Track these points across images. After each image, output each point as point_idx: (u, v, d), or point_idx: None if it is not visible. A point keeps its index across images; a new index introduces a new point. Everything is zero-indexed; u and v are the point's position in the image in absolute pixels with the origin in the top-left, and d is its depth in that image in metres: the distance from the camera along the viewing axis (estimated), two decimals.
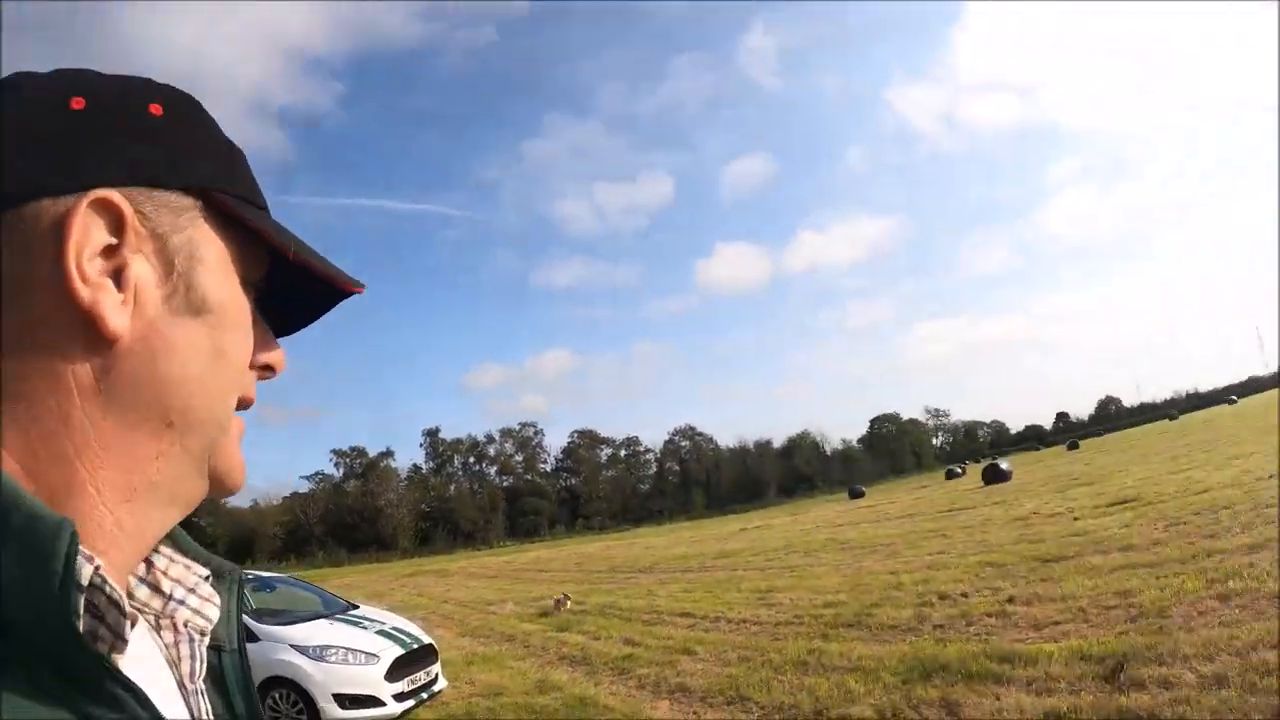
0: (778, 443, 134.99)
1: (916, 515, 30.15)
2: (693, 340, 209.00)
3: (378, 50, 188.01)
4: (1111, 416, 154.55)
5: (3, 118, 0.55)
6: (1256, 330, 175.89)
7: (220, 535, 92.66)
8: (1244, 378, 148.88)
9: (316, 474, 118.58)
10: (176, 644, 0.67)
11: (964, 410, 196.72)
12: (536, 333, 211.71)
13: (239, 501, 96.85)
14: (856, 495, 68.01)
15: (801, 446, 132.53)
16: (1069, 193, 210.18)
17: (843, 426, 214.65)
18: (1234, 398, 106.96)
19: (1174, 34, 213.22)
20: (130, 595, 0.63)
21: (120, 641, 0.53)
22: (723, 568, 22.63)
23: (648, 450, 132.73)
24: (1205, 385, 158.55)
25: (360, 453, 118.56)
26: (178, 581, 0.69)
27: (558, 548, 63.41)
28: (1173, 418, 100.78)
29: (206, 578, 0.72)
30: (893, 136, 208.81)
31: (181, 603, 0.68)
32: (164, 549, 0.70)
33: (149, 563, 0.68)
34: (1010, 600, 10.62)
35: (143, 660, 0.60)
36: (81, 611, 0.48)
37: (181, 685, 0.66)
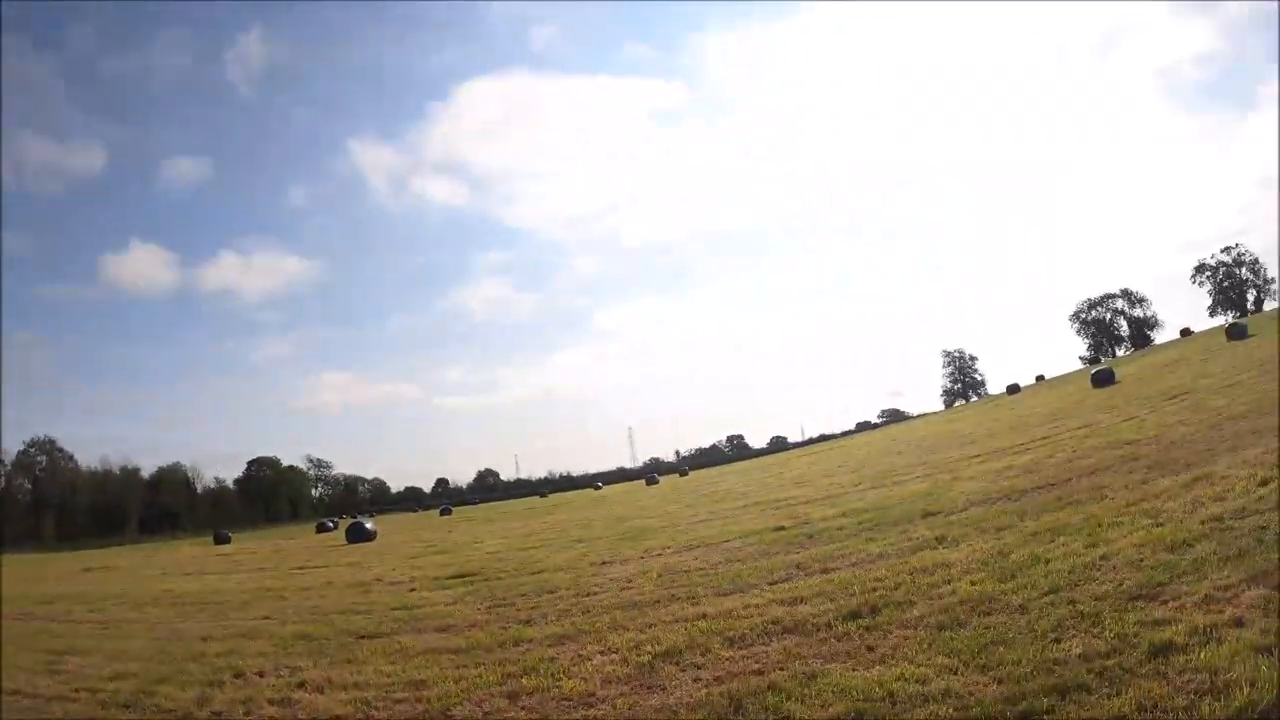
0: (148, 472, 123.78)
1: (267, 569, 28.73)
2: (87, 340, 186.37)
3: None
4: (489, 487, 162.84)
5: None
6: (629, 429, 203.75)
7: None
8: (613, 468, 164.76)
9: None
10: None
11: (348, 464, 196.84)
12: None
13: None
14: (222, 540, 64.10)
15: (172, 480, 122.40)
16: (490, 280, 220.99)
17: (219, 462, 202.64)
18: (600, 484, 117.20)
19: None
20: None
21: None
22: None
23: None
24: (577, 470, 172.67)
25: None
26: None
27: None
28: (544, 495, 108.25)
29: None
30: (343, 183, 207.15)
31: None
32: None
33: None
34: (302, 685, 9.40)
35: None
36: None
37: None
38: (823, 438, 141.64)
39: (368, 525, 43.13)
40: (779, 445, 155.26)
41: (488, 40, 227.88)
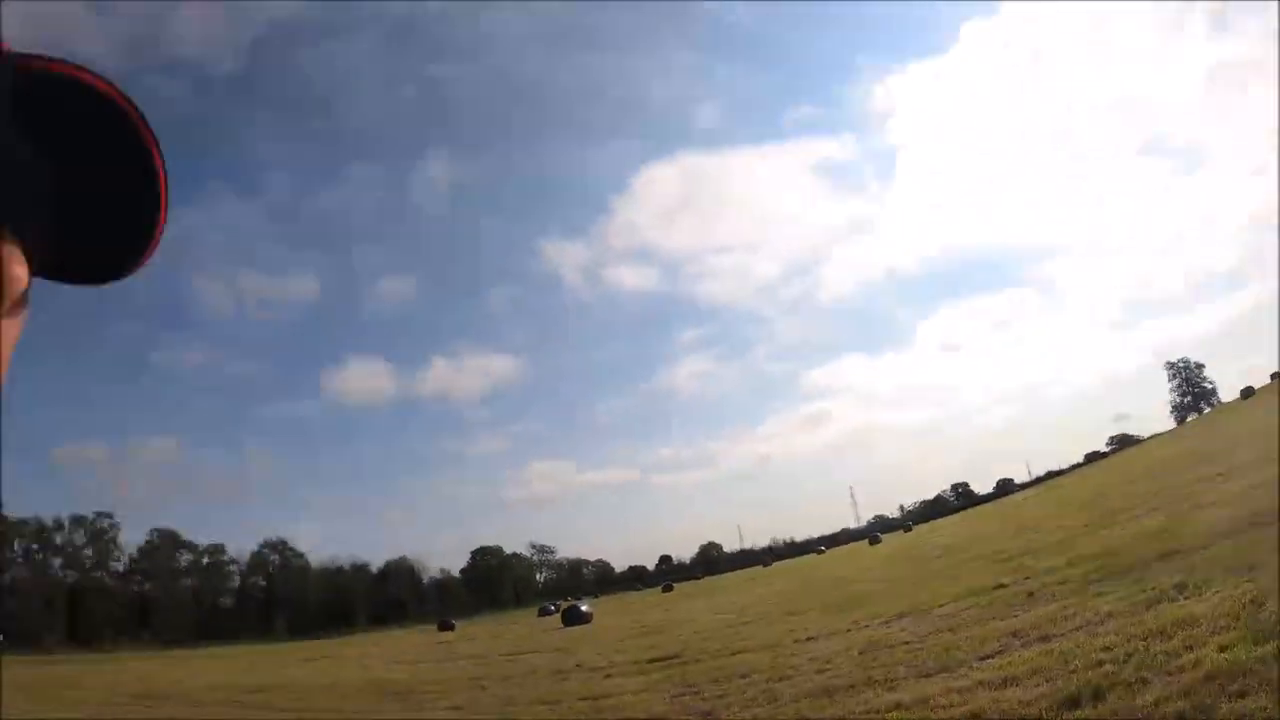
0: (376, 566, 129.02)
1: (479, 656, 28.95)
2: (309, 450, 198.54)
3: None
4: (712, 560, 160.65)
5: None
6: (850, 490, 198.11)
7: None
8: (837, 529, 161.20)
9: None
10: None
11: (572, 548, 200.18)
12: (148, 415, 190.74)
13: None
14: (446, 627, 65.92)
15: (398, 572, 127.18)
16: (690, 358, 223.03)
17: (445, 556, 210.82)
18: (823, 548, 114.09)
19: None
20: None
21: None
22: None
23: (232, 561, 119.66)
24: (800, 535, 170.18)
25: None
26: None
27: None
28: (766, 564, 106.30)
29: None
30: (538, 282, 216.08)
31: None
32: None
33: None
34: None
35: None
36: None
37: None
38: (1050, 475, 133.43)
39: (583, 608, 43.73)
40: (1005, 488, 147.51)
41: (657, 127, 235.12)
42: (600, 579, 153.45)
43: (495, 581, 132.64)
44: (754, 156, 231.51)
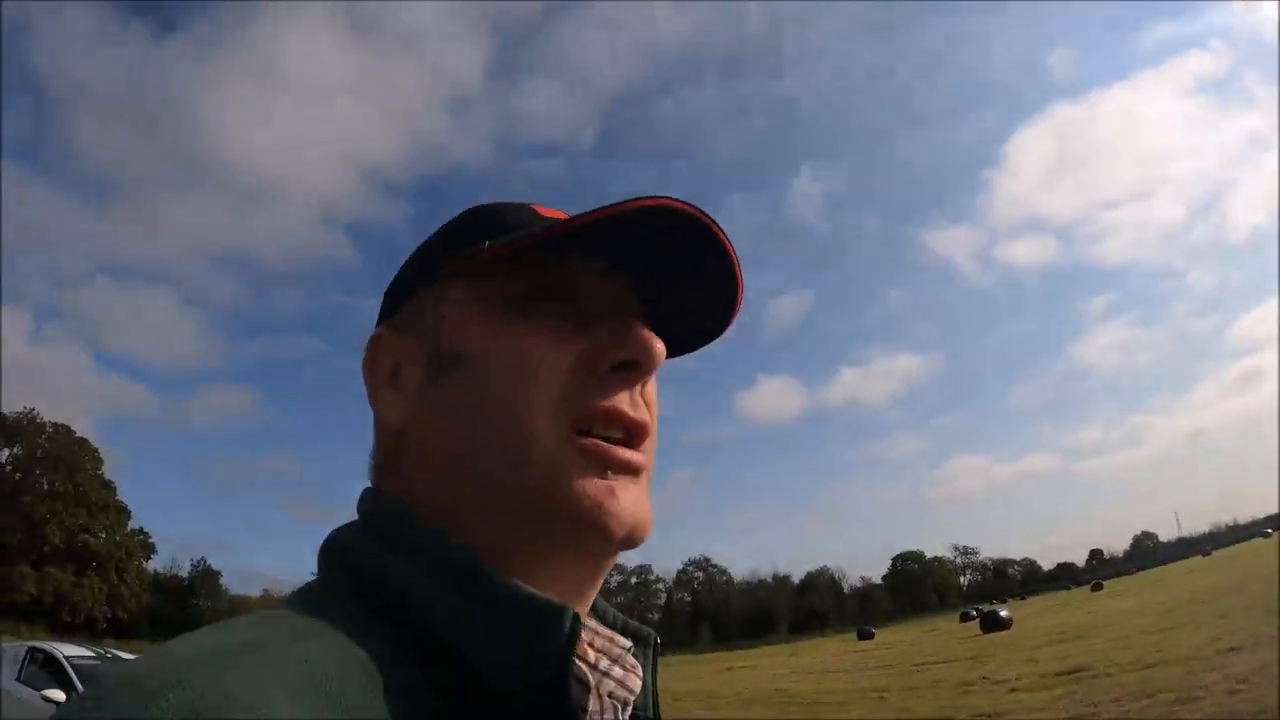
0: (797, 578, 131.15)
1: (890, 666, 28.62)
2: (726, 470, 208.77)
3: (444, 175, 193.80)
4: (1147, 552, 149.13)
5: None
6: None
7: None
8: None
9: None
10: (601, 712, 0.66)
11: (996, 547, 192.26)
12: None
13: (248, 590, 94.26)
14: (865, 636, 66.03)
15: (818, 583, 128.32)
16: (1102, 327, 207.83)
17: (866, 563, 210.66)
18: (1269, 531, 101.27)
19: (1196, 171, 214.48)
20: None
21: (582, 714, 0.59)
22: None
23: (659, 580, 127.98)
24: (1244, 517, 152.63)
25: None
26: (602, 653, 0.68)
27: None
28: (1207, 553, 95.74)
29: (629, 649, 0.71)
30: (931, 275, 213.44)
31: (606, 674, 0.67)
32: (589, 622, 0.70)
33: None
34: None
35: None
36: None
37: None
38: None
39: (1002, 614, 41.98)
40: None
41: (1013, 88, 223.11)
42: (1026, 578, 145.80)
43: (917, 587, 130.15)
44: (1123, 93, 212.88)
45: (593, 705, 0.64)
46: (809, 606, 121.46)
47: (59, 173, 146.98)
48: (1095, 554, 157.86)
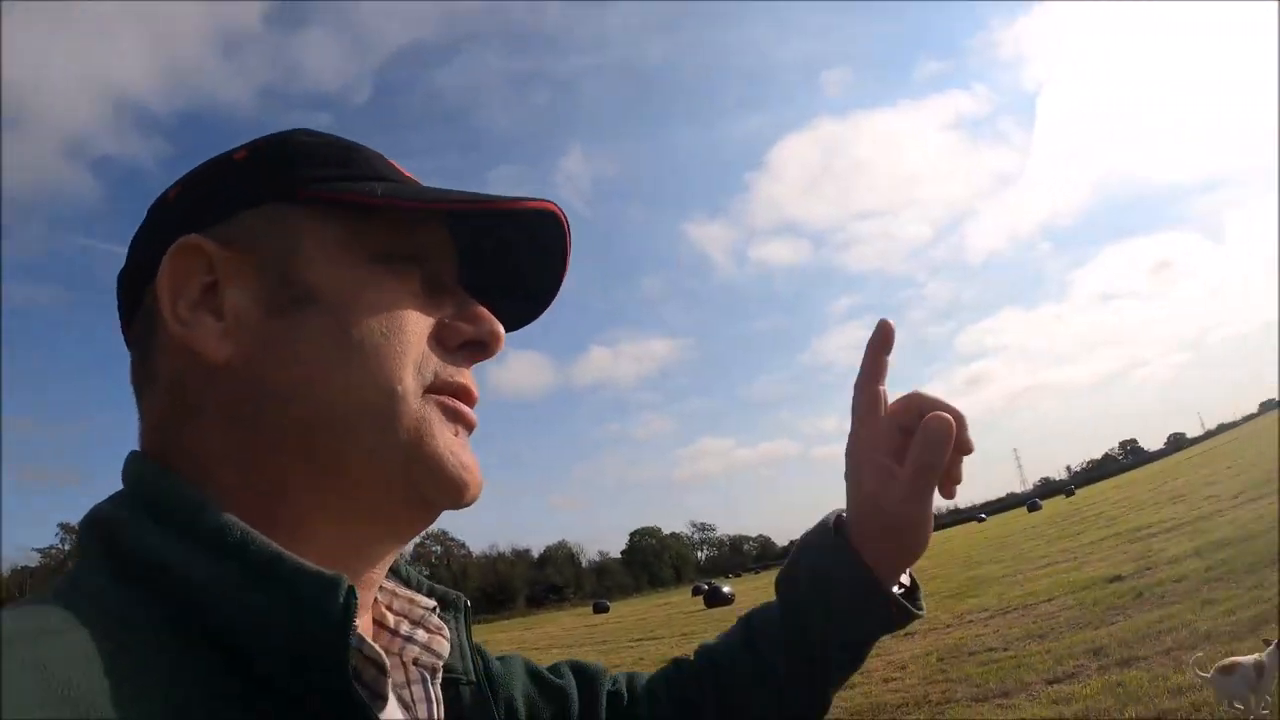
0: (536, 552, 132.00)
1: (612, 641, 28.85)
2: (476, 444, 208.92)
3: (206, 115, 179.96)
4: None
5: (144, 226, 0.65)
6: (1014, 451, 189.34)
7: None
8: (1003, 494, 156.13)
9: (50, 547, 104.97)
10: (408, 684, 0.65)
11: (735, 525, 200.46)
12: None
13: None
14: (601, 610, 66.03)
15: (556, 556, 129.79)
16: (843, 327, 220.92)
17: (609, 540, 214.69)
18: (983, 515, 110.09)
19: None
20: None
21: (379, 700, 0.54)
22: None
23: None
24: (965, 501, 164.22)
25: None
26: (403, 615, 0.67)
27: None
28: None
29: (433, 609, 0.69)
30: (688, 265, 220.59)
31: (409, 639, 0.66)
32: (387, 584, 0.68)
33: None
34: None
35: (387, 708, 0.57)
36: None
37: None
38: (1220, 429, 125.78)
39: (725, 590, 42.99)
40: (1177, 444, 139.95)
41: (785, 100, 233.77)
42: (762, 555, 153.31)
43: (654, 562, 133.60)
44: (888, 117, 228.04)
45: (398, 676, 0.62)
46: (547, 580, 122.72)
47: None
48: None
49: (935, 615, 16.23)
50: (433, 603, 0.69)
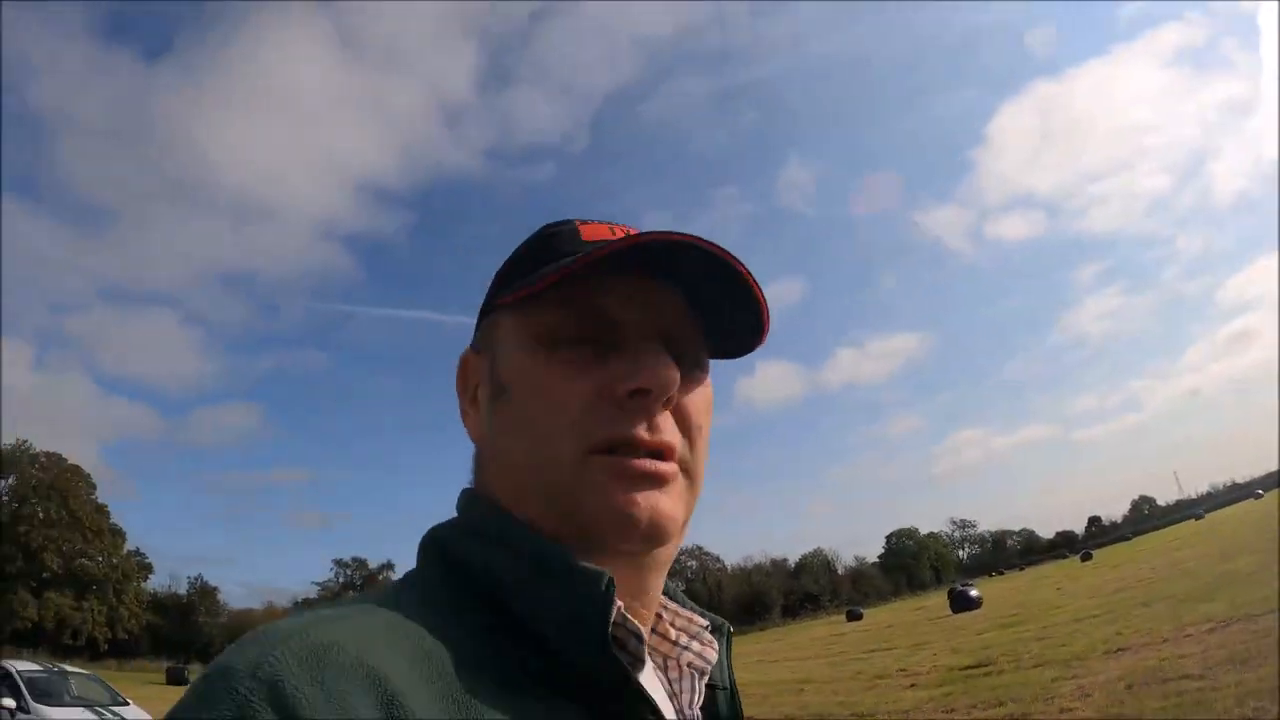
0: (792, 561, 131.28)
1: (844, 654, 28.01)
2: (728, 458, 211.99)
3: (440, 184, 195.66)
4: (1144, 517, 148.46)
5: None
6: None
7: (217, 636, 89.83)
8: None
9: (326, 581, 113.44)
10: (680, 679, 0.81)
11: (996, 519, 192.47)
12: None
13: (250, 604, 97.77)
14: (854, 617, 66.18)
15: (812, 565, 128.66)
16: (1092, 297, 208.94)
17: (863, 543, 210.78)
18: (1260, 492, 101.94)
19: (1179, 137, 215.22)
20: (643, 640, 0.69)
21: (639, 663, 0.67)
22: None
23: None
24: (1243, 475, 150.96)
25: (360, 564, 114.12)
26: (683, 630, 0.83)
27: None
28: (1199, 516, 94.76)
29: (706, 627, 0.84)
30: (923, 255, 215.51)
31: (685, 648, 0.82)
32: (669, 605, 0.84)
33: (658, 616, 0.83)
34: None
35: (653, 690, 0.69)
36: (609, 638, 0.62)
37: (680, 714, 0.78)
38: None
39: (972, 593, 41.49)
40: None
41: (993, 69, 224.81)
42: (1026, 549, 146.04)
43: (912, 564, 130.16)
44: (1102, 67, 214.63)
45: (673, 674, 0.80)
46: (803, 589, 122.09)
47: (52, 202, 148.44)
48: (1094, 521, 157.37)
49: (1156, 627, 15.75)
50: (706, 621, 0.85)
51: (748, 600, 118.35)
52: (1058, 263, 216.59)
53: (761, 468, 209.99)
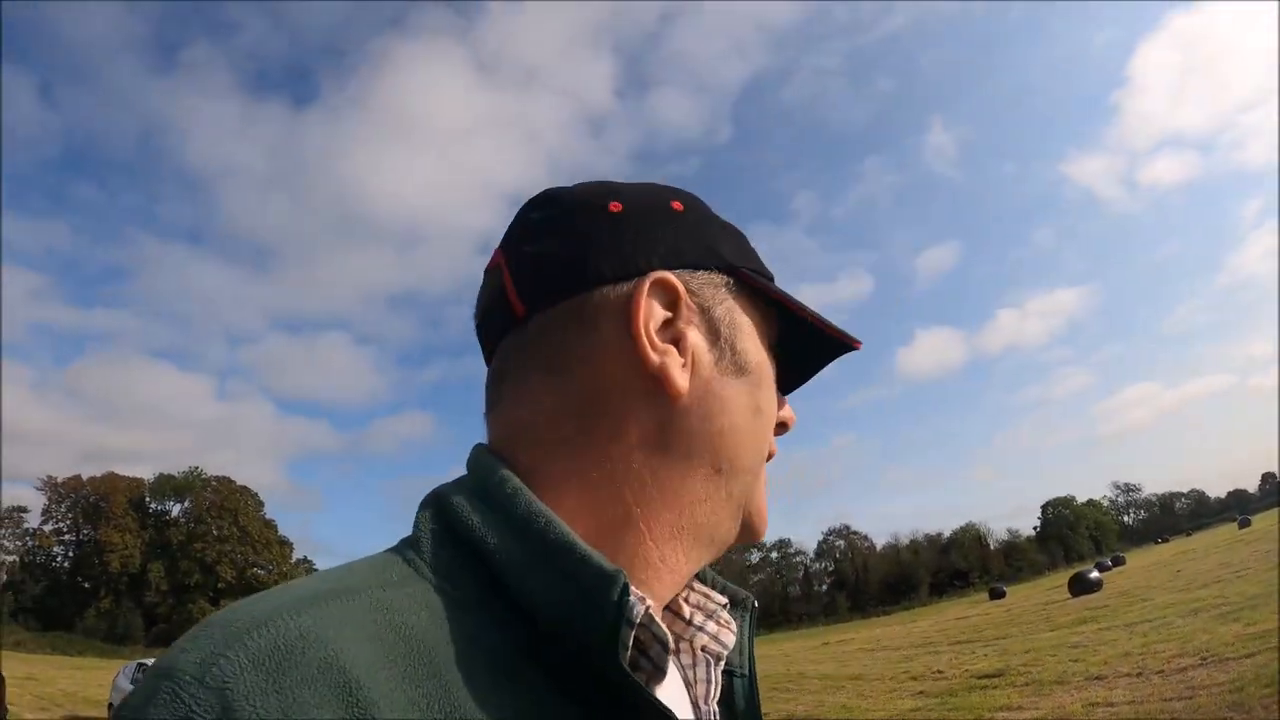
0: (946, 535, 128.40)
1: (947, 641, 26.52)
2: (882, 434, 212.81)
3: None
4: None
5: (559, 222, 0.70)
6: None
7: None
8: None
9: None
10: (694, 665, 0.74)
11: (1166, 480, 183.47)
12: None
13: None
14: (997, 595, 63.89)
15: (962, 540, 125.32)
16: (1258, 233, 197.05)
17: (1018, 515, 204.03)
18: None
19: None
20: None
21: (659, 673, 0.59)
22: None
23: (798, 552, 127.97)
24: None
25: None
26: (697, 608, 0.76)
27: None
28: None
29: (724, 605, 0.78)
30: (1075, 207, 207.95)
31: (700, 628, 0.75)
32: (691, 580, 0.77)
33: None
34: None
35: (667, 681, 0.64)
36: (630, 644, 0.54)
37: (696, 705, 0.72)
38: None
39: (1092, 575, 39.40)
40: None
41: (1124, 7, 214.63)
42: (1196, 511, 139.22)
43: (1069, 535, 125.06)
44: None
45: (686, 659, 0.74)
46: (952, 566, 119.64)
47: (221, 248, 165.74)
48: (1268, 478, 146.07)
49: (1221, 628, 14.29)
50: (725, 600, 0.78)
51: (894, 579, 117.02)
52: (1217, 201, 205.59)
53: (917, 442, 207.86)
